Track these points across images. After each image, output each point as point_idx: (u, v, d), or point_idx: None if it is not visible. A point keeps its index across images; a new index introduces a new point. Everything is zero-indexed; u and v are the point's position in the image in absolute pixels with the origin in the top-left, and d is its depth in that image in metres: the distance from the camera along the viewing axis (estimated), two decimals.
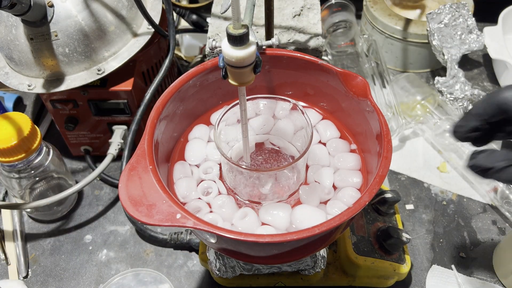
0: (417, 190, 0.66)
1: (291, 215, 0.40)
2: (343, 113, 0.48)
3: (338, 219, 0.33)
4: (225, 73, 0.35)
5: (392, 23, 0.78)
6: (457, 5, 0.75)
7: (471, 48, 0.75)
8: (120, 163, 0.68)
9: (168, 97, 0.42)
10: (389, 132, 0.39)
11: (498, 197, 0.61)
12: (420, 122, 0.70)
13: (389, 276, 0.52)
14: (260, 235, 0.33)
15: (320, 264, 0.50)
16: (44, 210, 0.62)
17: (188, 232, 0.58)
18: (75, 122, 0.63)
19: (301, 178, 0.43)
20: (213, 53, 0.55)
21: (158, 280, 0.56)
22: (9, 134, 0.51)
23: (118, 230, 0.62)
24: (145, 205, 0.34)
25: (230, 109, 0.42)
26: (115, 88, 0.58)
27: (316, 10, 0.60)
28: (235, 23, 0.30)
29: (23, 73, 0.58)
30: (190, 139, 0.47)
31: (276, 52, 0.46)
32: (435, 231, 0.61)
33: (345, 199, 0.42)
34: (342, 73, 0.44)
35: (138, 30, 0.60)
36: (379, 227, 0.53)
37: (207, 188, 0.43)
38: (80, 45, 0.54)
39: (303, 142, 0.44)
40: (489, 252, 0.59)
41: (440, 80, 0.70)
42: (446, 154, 0.68)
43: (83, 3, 0.54)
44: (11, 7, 0.47)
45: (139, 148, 0.38)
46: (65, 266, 0.59)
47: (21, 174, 0.56)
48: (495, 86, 0.80)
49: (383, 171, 0.36)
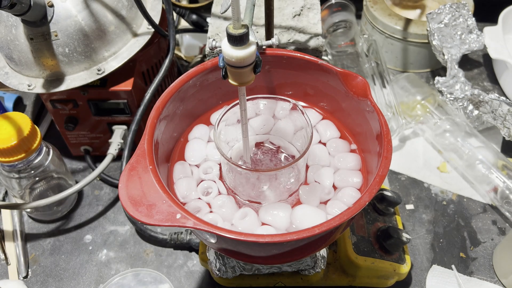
0: (417, 190, 0.66)
1: (291, 215, 0.40)
2: (343, 113, 0.48)
3: (338, 219, 0.33)
4: (225, 73, 0.35)
5: (392, 23, 0.78)
6: (457, 5, 0.75)
7: (471, 48, 0.75)
8: (120, 163, 0.68)
9: (168, 97, 0.42)
10: (389, 132, 0.39)
11: (498, 197, 0.61)
12: (420, 122, 0.70)
13: (389, 276, 0.52)
14: (260, 235, 0.33)
15: (320, 264, 0.50)
16: (44, 210, 0.62)
17: (188, 232, 0.58)
18: (75, 122, 0.63)
19: (301, 178, 0.43)
20: (213, 53, 0.55)
21: (158, 280, 0.56)
22: (9, 134, 0.51)
23: (118, 230, 0.62)
24: (145, 205, 0.34)
25: (230, 109, 0.42)
26: (115, 88, 0.58)
27: (316, 10, 0.60)
28: (235, 23, 0.30)
29: (23, 73, 0.58)
30: (190, 139, 0.47)
31: (276, 52, 0.46)
32: (435, 231, 0.61)
33: (345, 199, 0.42)
34: (342, 73, 0.44)
35: (138, 30, 0.60)
36: (379, 227, 0.52)
37: (207, 188, 0.43)
38: (80, 45, 0.54)
39: (303, 142, 0.44)
40: (489, 252, 0.59)
41: (440, 80, 0.70)
42: (446, 154, 0.68)
43: (83, 3, 0.54)
44: (11, 7, 0.47)
45: (139, 148, 0.38)
46: (65, 266, 0.59)
47: (21, 174, 0.56)
48: (495, 86, 0.80)
49: (383, 171, 0.36)
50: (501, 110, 0.62)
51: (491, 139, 0.69)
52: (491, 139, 0.69)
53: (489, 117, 0.65)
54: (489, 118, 0.65)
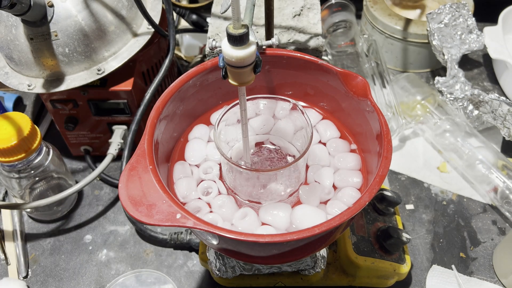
0: (417, 190, 0.66)
1: (291, 215, 0.40)
2: (343, 113, 0.48)
3: (338, 219, 0.33)
4: (225, 73, 0.35)
5: (392, 23, 0.78)
6: (457, 5, 0.75)
7: (471, 48, 0.75)
8: (120, 163, 0.68)
9: (168, 97, 0.42)
10: (389, 132, 0.39)
11: (498, 197, 0.61)
12: (420, 122, 0.70)
13: (389, 276, 0.52)
14: (260, 235, 0.33)
15: (320, 264, 0.50)
16: (44, 210, 0.62)
17: (188, 232, 0.58)
18: (75, 122, 0.63)
19: (301, 178, 0.43)
20: (213, 53, 0.55)
21: (162, 281, 0.56)
22: (9, 134, 0.51)
23: (118, 230, 0.62)
24: (145, 205, 0.34)
25: (230, 109, 0.42)
26: (115, 88, 0.58)
27: (316, 10, 0.60)
28: (235, 23, 0.30)
29: (23, 73, 0.58)
30: (190, 139, 0.47)
31: (276, 52, 0.46)
32: (435, 231, 0.61)
33: (345, 199, 0.42)
34: (342, 73, 0.44)
35: (138, 30, 0.60)
36: (379, 227, 0.52)
37: (207, 188, 0.43)
38: (80, 45, 0.54)
39: (303, 142, 0.44)
40: (489, 252, 0.59)
41: (440, 80, 0.70)
42: (446, 154, 0.68)
43: (83, 3, 0.54)
44: (11, 7, 0.47)
45: (139, 148, 0.38)
46: (65, 266, 0.59)
47: (21, 174, 0.56)
48: (495, 86, 0.80)
49: (383, 171, 0.36)
50: (501, 110, 0.62)
51: (491, 139, 0.69)
52: (491, 139, 0.69)
53: (489, 117, 0.65)
54: (489, 118, 0.65)
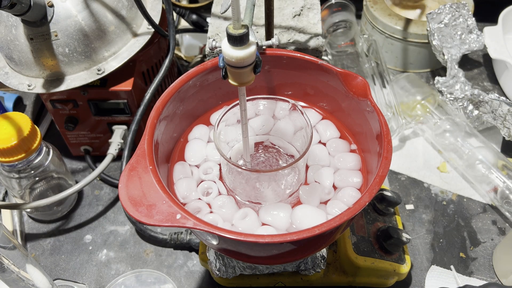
0: (417, 190, 0.66)
1: (291, 215, 0.40)
2: (343, 113, 0.48)
3: (338, 219, 0.33)
4: (225, 73, 0.35)
5: (392, 23, 0.78)
6: (457, 5, 0.75)
7: (471, 48, 0.75)
8: (120, 163, 0.68)
9: (168, 97, 0.42)
10: (389, 132, 0.39)
11: (498, 197, 0.61)
12: (420, 122, 0.70)
13: (389, 276, 0.52)
14: (260, 235, 0.33)
15: (320, 264, 0.50)
16: (44, 210, 0.62)
17: (188, 232, 0.58)
18: (75, 122, 0.63)
19: (301, 178, 0.43)
20: (213, 53, 0.55)
21: (162, 281, 0.56)
22: (9, 134, 0.51)
23: (118, 230, 0.62)
24: (145, 205, 0.34)
25: (230, 110, 0.42)
26: (115, 88, 0.58)
27: (316, 10, 0.60)
28: (235, 23, 0.30)
29: (23, 73, 0.58)
30: (190, 139, 0.47)
31: (276, 52, 0.46)
32: (435, 231, 0.61)
33: (345, 199, 0.42)
34: (342, 73, 0.44)
35: (138, 30, 0.60)
36: (379, 227, 0.53)
37: (207, 189, 0.43)
38: (80, 45, 0.54)
39: (303, 142, 0.44)
40: (489, 252, 0.59)
41: (440, 80, 0.70)
42: (446, 154, 0.68)
43: (83, 3, 0.54)
44: (11, 7, 0.47)
45: (139, 148, 0.38)
46: (65, 266, 0.59)
47: (21, 174, 0.56)
48: (495, 86, 0.80)
49: (383, 171, 0.36)
50: (501, 110, 0.62)
51: (491, 139, 0.69)
52: (491, 139, 0.69)
53: (489, 117, 0.65)
54: (489, 118, 0.65)
